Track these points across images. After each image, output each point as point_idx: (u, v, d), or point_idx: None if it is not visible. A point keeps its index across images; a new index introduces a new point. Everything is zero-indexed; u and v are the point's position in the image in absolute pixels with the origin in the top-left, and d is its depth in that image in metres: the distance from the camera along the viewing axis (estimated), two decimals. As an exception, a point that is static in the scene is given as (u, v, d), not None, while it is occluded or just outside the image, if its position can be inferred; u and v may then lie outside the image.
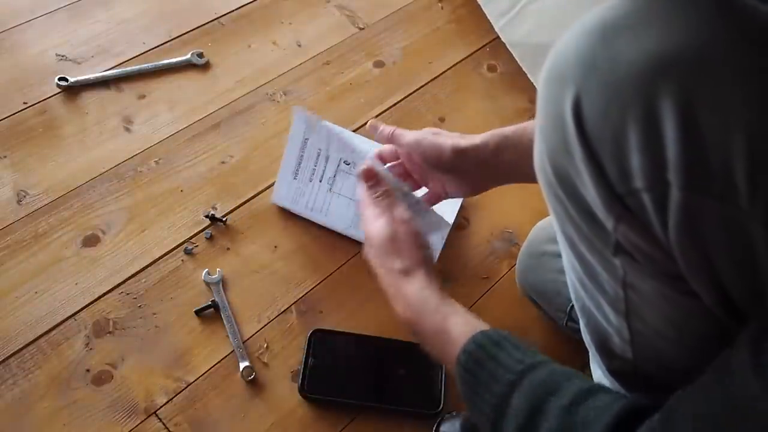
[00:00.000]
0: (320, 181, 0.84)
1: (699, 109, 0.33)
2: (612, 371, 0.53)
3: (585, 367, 0.79)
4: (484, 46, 1.13)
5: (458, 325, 0.53)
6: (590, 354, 0.59)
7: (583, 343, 0.78)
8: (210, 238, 0.85)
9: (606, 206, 0.38)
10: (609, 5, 0.37)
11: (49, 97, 0.97)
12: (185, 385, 0.75)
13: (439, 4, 1.19)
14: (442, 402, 0.74)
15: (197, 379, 0.75)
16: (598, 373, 0.58)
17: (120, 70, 1.01)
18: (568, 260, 0.48)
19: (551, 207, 0.44)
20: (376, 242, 0.60)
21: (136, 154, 0.93)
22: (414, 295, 0.57)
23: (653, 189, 0.35)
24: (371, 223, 0.61)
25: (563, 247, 0.47)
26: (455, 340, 0.52)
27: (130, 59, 1.03)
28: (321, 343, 0.77)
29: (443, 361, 0.55)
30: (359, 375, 0.76)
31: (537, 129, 0.42)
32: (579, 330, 0.76)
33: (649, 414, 0.40)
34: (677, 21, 0.34)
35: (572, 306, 0.73)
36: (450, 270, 0.87)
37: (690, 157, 0.33)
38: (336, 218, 0.86)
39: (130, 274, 0.82)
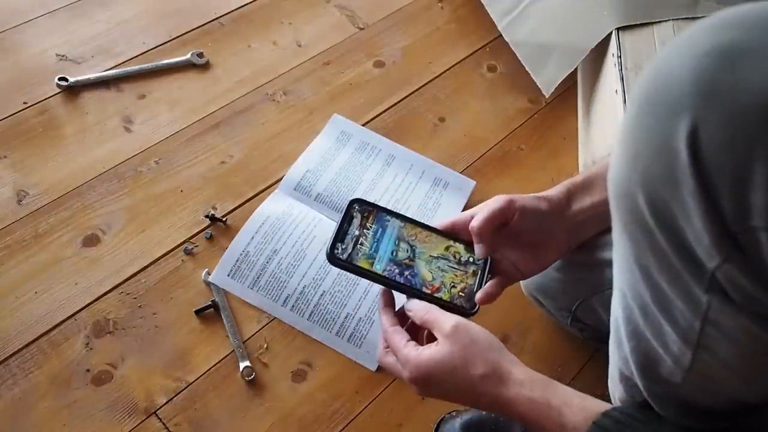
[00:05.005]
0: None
1: None
2: (651, 394, 0.51)
3: (583, 368, 0.79)
4: (484, 46, 1.13)
5: (573, 416, 0.50)
6: (611, 367, 0.56)
7: (584, 342, 0.79)
8: (210, 238, 0.85)
9: (714, 243, 0.35)
10: (718, 28, 0.34)
11: (49, 97, 0.97)
12: (185, 385, 0.75)
13: (439, 4, 1.19)
14: (477, 305, 0.64)
15: (197, 379, 0.75)
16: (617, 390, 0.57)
17: (120, 70, 1.01)
18: (631, 286, 0.45)
19: (628, 236, 0.42)
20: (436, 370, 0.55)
21: (136, 154, 0.93)
22: (520, 401, 0.53)
23: None
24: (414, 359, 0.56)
25: (627, 274, 0.45)
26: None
27: (130, 59, 1.03)
28: (360, 213, 0.65)
29: None
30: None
31: (626, 154, 0.39)
32: (582, 329, 0.76)
33: None
34: None
35: (578, 306, 0.72)
36: (450, 270, 0.87)
37: None
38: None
39: (130, 274, 0.82)
